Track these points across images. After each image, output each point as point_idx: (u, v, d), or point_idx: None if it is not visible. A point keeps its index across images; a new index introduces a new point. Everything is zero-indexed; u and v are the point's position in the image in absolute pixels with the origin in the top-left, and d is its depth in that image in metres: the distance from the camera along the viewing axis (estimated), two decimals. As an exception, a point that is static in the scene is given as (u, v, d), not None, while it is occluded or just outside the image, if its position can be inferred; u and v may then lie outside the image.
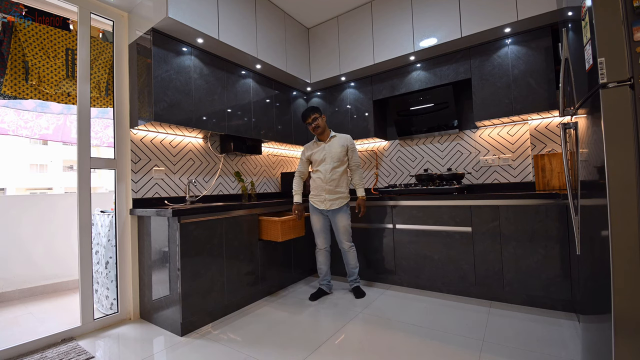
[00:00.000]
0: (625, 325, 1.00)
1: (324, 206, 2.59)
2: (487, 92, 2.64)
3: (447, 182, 2.80)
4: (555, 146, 2.61)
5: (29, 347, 1.89)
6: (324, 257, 2.68)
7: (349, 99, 3.46)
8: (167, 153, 2.63)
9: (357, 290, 2.63)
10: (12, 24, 2.19)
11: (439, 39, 2.71)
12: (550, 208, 2.13)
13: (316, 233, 2.69)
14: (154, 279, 2.25)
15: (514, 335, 1.86)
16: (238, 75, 2.91)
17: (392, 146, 3.49)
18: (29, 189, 15.59)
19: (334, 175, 2.56)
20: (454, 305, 2.35)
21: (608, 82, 1.05)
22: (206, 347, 1.88)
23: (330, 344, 1.85)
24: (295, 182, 2.70)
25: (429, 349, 1.76)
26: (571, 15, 1.51)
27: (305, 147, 2.74)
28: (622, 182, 1.02)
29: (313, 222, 2.69)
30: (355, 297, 2.59)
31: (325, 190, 2.57)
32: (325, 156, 2.58)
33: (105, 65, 2.52)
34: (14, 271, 2.92)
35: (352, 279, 2.68)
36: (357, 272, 2.68)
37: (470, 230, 2.43)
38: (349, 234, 2.63)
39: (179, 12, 2.21)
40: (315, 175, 2.65)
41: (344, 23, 3.31)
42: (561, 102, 1.65)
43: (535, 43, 2.45)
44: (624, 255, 1.01)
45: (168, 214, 2.02)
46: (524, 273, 2.22)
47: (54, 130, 3.35)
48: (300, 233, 2.82)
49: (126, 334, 2.11)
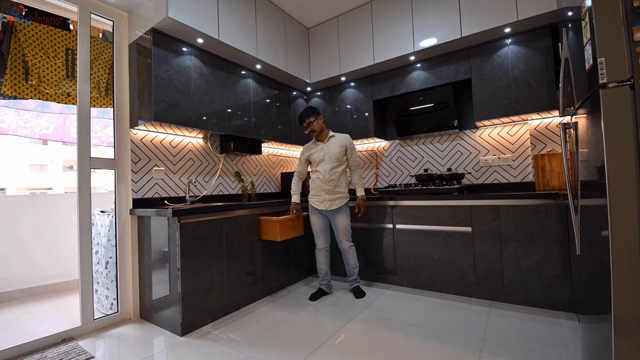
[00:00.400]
0: (625, 325, 1.00)
1: (323, 206, 2.59)
2: (487, 92, 2.64)
3: (447, 182, 2.80)
4: (555, 146, 2.61)
5: (29, 347, 1.89)
6: (324, 257, 2.68)
7: (349, 99, 3.46)
8: (167, 153, 2.63)
9: (357, 290, 2.63)
10: (12, 24, 2.19)
11: (439, 39, 2.71)
12: (550, 208, 2.13)
13: (316, 233, 2.69)
14: (154, 279, 2.25)
15: (514, 335, 1.85)
16: (238, 75, 2.91)
17: (392, 146, 3.49)
18: (29, 189, 15.59)
19: (333, 175, 2.56)
20: (454, 305, 2.35)
21: (608, 82, 1.05)
22: (206, 347, 1.88)
23: (330, 344, 1.85)
24: (294, 183, 2.71)
25: (429, 349, 1.76)
26: (571, 15, 1.51)
27: (304, 148, 2.74)
28: (622, 182, 1.02)
29: (313, 222, 2.69)
30: (355, 297, 2.59)
31: (325, 191, 2.57)
32: (324, 156, 2.57)
33: (105, 65, 2.52)
34: (14, 271, 2.92)
35: (352, 279, 2.68)
36: (357, 272, 2.68)
37: (470, 230, 2.43)
38: (349, 233, 2.63)
39: (179, 12, 2.21)
40: (314, 176, 2.65)
41: (344, 23, 3.31)
42: (561, 102, 1.65)
43: (535, 43, 2.45)
44: (624, 255, 1.01)
45: (168, 214, 2.02)
46: (524, 273, 2.22)
47: (53, 130, 3.35)
48: (299, 232, 2.82)
49: (126, 334, 2.11)
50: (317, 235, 2.69)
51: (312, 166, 2.68)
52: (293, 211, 2.64)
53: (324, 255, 2.69)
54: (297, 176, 2.72)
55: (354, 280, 2.68)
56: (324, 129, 2.62)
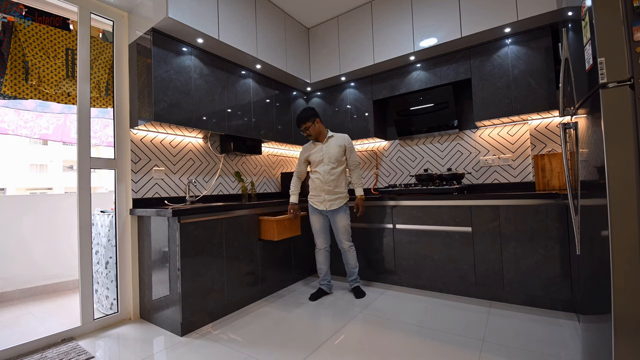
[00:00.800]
0: (625, 325, 1.00)
1: (323, 207, 2.59)
2: (487, 92, 2.64)
3: (447, 182, 2.80)
4: (555, 146, 2.61)
5: (29, 347, 1.89)
6: (324, 257, 2.68)
7: (349, 99, 3.46)
8: (167, 153, 2.63)
9: (357, 290, 2.63)
10: (12, 24, 2.19)
11: (439, 39, 2.71)
12: (550, 208, 2.13)
13: (316, 233, 2.69)
14: (154, 279, 2.25)
15: (514, 335, 1.85)
16: (238, 75, 2.91)
17: (392, 146, 3.49)
18: (29, 189, 15.59)
19: (332, 175, 2.56)
20: (454, 305, 2.35)
21: (608, 82, 1.05)
22: (206, 347, 1.88)
23: (330, 344, 1.85)
24: (293, 183, 2.71)
25: (429, 349, 1.76)
26: (571, 15, 1.51)
27: (304, 148, 2.74)
28: (622, 182, 1.02)
29: (312, 222, 2.69)
30: (355, 297, 2.59)
31: (325, 191, 2.57)
32: (323, 157, 2.57)
33: (105, 65, 2.52)
34: (14, 271, 2.92)
35: (352, 278, 2.68)
36: (357, 272, 2.68)
37: (470, 230, 2.42)
38: (349, 233, 2.63)
39: (179, 12, 2.21)
40: (314, 176, 2.65)
41: (344, 23, 3.30)
42: (561, 102, 1.65)
43: (535, 43, 2.45)
44: (624, 255, 1.01)
45: (168, 214, 2.02)
46: (524, 273, 2.22)
47: (54, 130, 3.35)
48: (296, 232, 2.82)
49: (126, 334, 2.11)
50: (317, 236, 2.69)
51: (312, 166, 2.68)
52: (290, 211, 2.65)
53: (323, 255, 2.68)
54: (296, 176, 2.72)
55: (354, 280, 2.67)
56: (322, 130, 2.62)
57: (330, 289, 2.72)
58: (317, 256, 2.72)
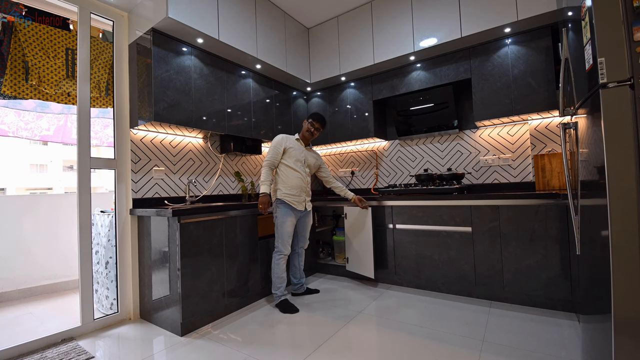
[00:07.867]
0: (625, 325, 1.00)
1: (302, 207, 2.50)
2: (487, 92, 2.64)
3: (447, 182, 2.80)
4: (555, 146, 2.61)
5: (29, 347, 1.89)
6: (286, 264, 2.53)
7: (349, 99, 3.46)
8: (167, 153, 2.63)
9: (310, 290, 2.74)
10: (12, 24, 2.19)
11: (439, 39, 2.71)
12: (550, 208, 2.13)
13: (287, 236, 2.43)
14: (154, 279, 2.25)
15: (514, 335, 1.85)
16: (238, 75, 2.91)
17: (392, 146, 3.49)
18: (29, 189, 15.59)
19: (309, 178, 2.63)
20: (454, 305, 2.35)
21: (608, 82, 1.05)
22: (206, 347, 1.88)
23: (330, 344, 1.85)
24: (265, 172, 2.42)
25: (429, 349, 1.76)
26: (571, 15, 1.51)
27: (284, 137, 2.51)
28: (622, 182, 1.02)
29: (286, 224, 2.42)
30: (308, 294, 2.69)
31: (305, 192, 2.54)
32: (305, 158, 2.56)
33: (105, 65, 2.52)
34: (14, 271, 2.92)
35: (303, 281, 2.71)
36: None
37: (470, 230, 2.42)
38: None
39: (179, 12, 2.21)
40: (293, 175, 2.47)
41: (344, 23, 3.30)
42: (561, 102, 1.65)
43: (535, 43, 2.45)
44: (624, 255, 1.01)
45: (168, 214, 2.02)
46: (524, 273, 2.22)
47: (54, 132, 3.35)
48: (273, 230, 2.72)
49: (126, 334, 2.11)
50: (287, 239, 2.43)
51: (289, 160, 2.47)
52: (264, 204, 2.34)
53: (286, 262, 2.51)
54: (269, 166, 2.44)
55: (303, 284, 2.72)
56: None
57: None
58: (280, 264, 2.42)
